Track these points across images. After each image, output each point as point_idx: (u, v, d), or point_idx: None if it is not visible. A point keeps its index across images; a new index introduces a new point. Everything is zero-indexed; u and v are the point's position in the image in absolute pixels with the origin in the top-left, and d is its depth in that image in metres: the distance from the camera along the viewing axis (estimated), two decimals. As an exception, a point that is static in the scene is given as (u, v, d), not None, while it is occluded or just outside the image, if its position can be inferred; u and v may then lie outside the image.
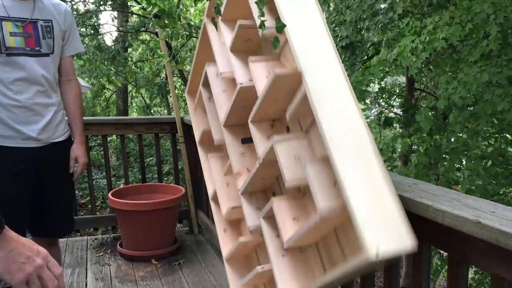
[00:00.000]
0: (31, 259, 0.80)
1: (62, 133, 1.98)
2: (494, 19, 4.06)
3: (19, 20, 1.78)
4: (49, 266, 0.83)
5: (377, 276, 6.21)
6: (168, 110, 8.88)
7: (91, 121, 3.58)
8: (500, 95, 4.09)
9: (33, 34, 1.81)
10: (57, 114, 1.95)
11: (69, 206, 2.10)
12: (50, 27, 1.87)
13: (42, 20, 1.84)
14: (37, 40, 1.83)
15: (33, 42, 1.81)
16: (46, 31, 1.85)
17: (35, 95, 1.83)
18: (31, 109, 1.82)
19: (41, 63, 1.84)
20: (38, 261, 0.80)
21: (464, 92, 4.23)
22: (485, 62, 4.26)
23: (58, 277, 0.83)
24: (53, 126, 1.92)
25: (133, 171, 6.97)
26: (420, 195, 1.23)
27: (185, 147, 3.49)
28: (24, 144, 1.83)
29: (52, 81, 1.91)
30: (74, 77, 2.06)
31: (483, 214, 1.06)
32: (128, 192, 3.29)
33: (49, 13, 1.87)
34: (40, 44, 1.84)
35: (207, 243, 3.38)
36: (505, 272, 1.02)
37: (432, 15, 4.82)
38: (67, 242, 3.36)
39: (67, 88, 2.03)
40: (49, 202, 1.97)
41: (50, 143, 1.92)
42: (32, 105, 1.82)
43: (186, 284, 2.74)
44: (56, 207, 2.00)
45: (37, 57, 1.83)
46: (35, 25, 1.82)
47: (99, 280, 2.79)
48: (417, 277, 1.34)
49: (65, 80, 2.02)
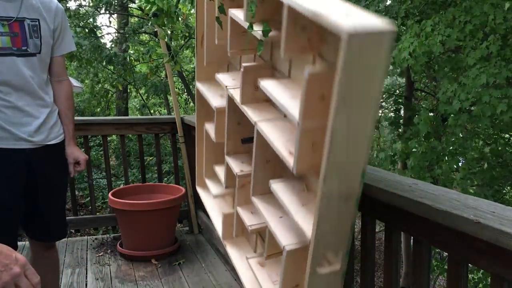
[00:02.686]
0: (8, 267, 0.78)
1: (56, 135, 1.92)
2: (493, 19, 4.07)
3: (5, 19, 1.72)
4: (27, 274, 0.81)
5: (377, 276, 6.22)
6: (168, 110, 8.89)
7: (91, 121, 3.58)
8: (498, 97, 4.09)
9: (19, 33, 1.75)
10: (51, 116, 1.89)
11: (62, 210, 2.05)
12: (37, 26, 1.80)
13: (29, 19, 1.78)
14: (24, 39, 1.76)
15: (20, 41, 1.75)
16: (33, 30, 1.78)
17: (25, 96, 1.77)
18: (22, 110, 1.77)
19: (28, 63, 1.77)
20: (16, 270, 0.79)
21: (463, 95, 4.25)
22: (483, 63, 4.27)
23: (35, 286, 0.81)
24: (47, 128, 1.87)
25: (133, 171, 6.97)
26: (420, 195, 1.24)
27: (185, 147, 3.50)
28: (16, 146, 1.78)
29: (41, 81, 1.84)
30: (65, 77, 2.00)
31: (483, 214, 1.06)
32: (128, 192, 3.29)
33: (37, 12, 1.81)
34: (27, 44, 1.76)
35: (207, 243, 3.38)
36: (505, 272, 1.02)
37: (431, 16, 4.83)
38: (67, 242, 3.36)
39: (58, 88, 1.96)
40: (42, 206, 1.92)
41: (43, 145, 1.86)
42: (23, 106, 1.77)
43: (186, 284, 2.74)
44: (48, 211, 1.96)
45: (24, 57, 1.77)
46: (22, 24, 1.76)
47: (99, 280, 2.79)
48: (417, 277, 1.34)
49: (56, 80, 1.96)
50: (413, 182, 1.42)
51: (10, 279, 0.78)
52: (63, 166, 2.00)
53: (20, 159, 1.80)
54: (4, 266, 0.78)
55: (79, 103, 9.70)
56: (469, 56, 4.33)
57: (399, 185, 1.36)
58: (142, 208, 2.98)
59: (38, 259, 2.02)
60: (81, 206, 6.40)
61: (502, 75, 4.06)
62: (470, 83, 4.19)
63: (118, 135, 4.19)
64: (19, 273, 0.79)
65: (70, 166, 2.00)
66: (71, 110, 2.01)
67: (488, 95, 4.11)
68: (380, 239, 7.18)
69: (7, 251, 0.80)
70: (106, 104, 10.00)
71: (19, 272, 0.79)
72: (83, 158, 2.02)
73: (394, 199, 1.30)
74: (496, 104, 4.05)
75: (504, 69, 4.09)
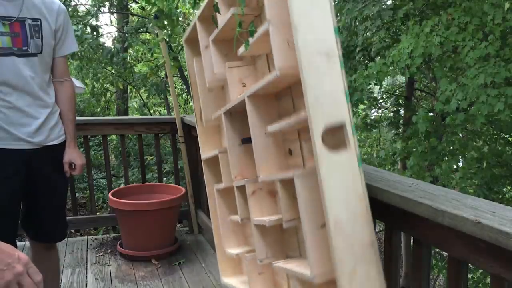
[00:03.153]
0: (11, 266, 0.78)
1: (57, 136, 1.91)
2: (492, 20, 4.07)
3: (6, 18, 1.70)
4: (29, 273, 0.81)
5: (377, 276, 6.20)
6: (168, 110, 8.88)
7: (91, 121, 3.58)
8: (496, 96, 4.09)
9: (20, 34, 1.73)
10: (52, 116, 1.88)
11: (62, 211, 2.03)
12: (38, 26, 1.78)
13: (31, 18, 1.76)
14: (25, 39, 1.75)
15: (20, 41, 1.74)
16: (34, 30, 1.77)
17: (25, 97, 1.76)
18: (22, 111, 1.76)
19: (28, 64, 1.76)
20: (19, 268, 0.79)
21: (461, 95, 4.25)
22: (482, 64, 4.27)
23: (38, 284, 0.81)
24: (47, 129, 1.85)
25: (133, 171, 6.97)
26: (420, 195, 1.24)
27: (185, 147, 3.50)
28: (15, 146, 1.77)
29: (42, 82, 1.83)
30: (67, 78, 1.98)
31: (483, 214, 1.06)
32: (128, 192, 3.29)
33: (38, 12, 1.79)
34: (27, 44, 1.75)
35: (207, 243, 3.38)
36: (505, 272, 1.02)
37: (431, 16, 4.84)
38: (67, 242, 3.36)
39: (59, 89, 1.95)
40: (42, 207, 1.91)
41: (43, 146, 1.85)
42: (23, 106, 1.76)
43: (186, 284, 2.74)
44: (49, 212, 1.94)
45: (25, 57, 1.75)
46: (23, 24, 1.74)
47: (99, 280, 2.79)
48: (417, 277, 1.34)
49: (57, 81, 1.94)
50: (413, 182, 1.42)
51: (13, 277, 0.78)
52: (63, 167, 1.99)
53: (19, 159, 1.79)
54: (7, 265, 0.78)
55: (79, 103, 9.70)
56: (468, 56, 4.33)
57: (399, 185, 1.36)
58: (142, 208, 2.98)
59: (39, 260, 2.01)
60: (81, 206, 6.40)
61: (500, 75, 4.05)
62: (469, 83, 4.19)
63: (118, 135, 4.19)
64: (21, 272, 0.79)
65: (65, 165, 1.96)
66: (72, 111, 1.99)
67: (485, 95, 4.11)
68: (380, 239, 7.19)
69: (10, 250, 0.80)
70: (106, 104, 9.99)
71: (22, 271, 0.79)
72: (80, 163, 1.98)
73: (394, 199, 1.30)
74: (494, 103, 4.04)
75: (503, 69, 4.09)
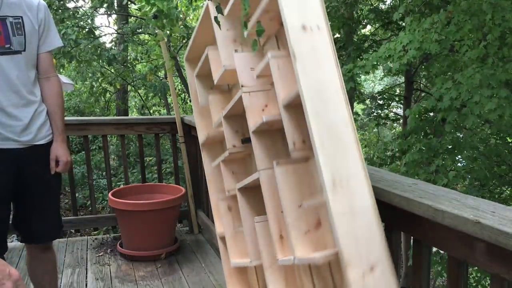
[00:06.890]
0: (1, 283, 0.78)
1: (45, 135, 1.89)
2: (491, 19, 4.07)
3: None
4: None
5: (377, 276, 6.20)
6: (168, 110, 8.88)
7: (91, 121, 3.58)
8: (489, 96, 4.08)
9: (2, 32, 1.72)
10: (39, 116, 1.85)
11: (54, 210, 2.00)
12: (20, 23, 1.76)
13: (12, 16, 1.75)
14: (7, 37, 1.73)
15: (3, 39, 1.72)
16: (16, 27, 1.75)
17: (10, 96, 1.75)
18: (7, 110, 1.75)
19: (12, 62, 1.74)
20: (8, 285, 0.78)
21: (454, 93, 4.26)
22: (479, 63, 4.26)
23: None
24: (35, 128, 1.84)
25: (133, 171, 6.96)
26: (420, 195, 1.24)
27: (185, 147, 3.50)
28: (4, 145, 1.75)
29: (27, 80, 1.81)
30: (53, 74, 1.94)
31: (483, 214, 1.06)
32: (128, 192, 3.29)
33: (19, 9, 1.76)
34: (10, 42, 1.73)
35: (207, 243, 3.38)
36: (505, 272, 1.03)
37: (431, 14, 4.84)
38: (67, 242, 3.36)
39: (46, 86, 1.92)
40: (32, 207, 1.89)
41: (32, 145, 1.83)
42: (8, 106, 1.75)
43: (186, 284, 2.74)
44: (40, 212, 1.92)
45: (8, 55, 1.74)
46: (4, 22, 1.73)
47: (99, 280, 2.79)
48: (417, 277, 1.34)
49: (43, 78, 1.91)
50: (413, 182, 1.42)
51: None
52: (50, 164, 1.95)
53: (8, 158, 1.77)
54: None
55: (78, 103, 9.69)
56: (466, 56, 4.33)
57: (399, 185, 1.36)
58: (142, 208, 2.98)
59: (35, 261, 1.99)
60: (81, 206, 6.40)
61: (496, 77, 4.05)
62: (464, 82, 4.19)
63: (118, 135, 4.19)
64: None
65: (51, 162, 1.92)
66: (60, 107, 1.95)
67: (478, 94, 4.10)
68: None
69: (1, 266, 0.79)
70: (106, 104, 9.98)
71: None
72: (64, 160, 1.92)
73: (394, 199, 1.30)
74: (486, 102, 4.03)
75: (500, 69, 4.08)
